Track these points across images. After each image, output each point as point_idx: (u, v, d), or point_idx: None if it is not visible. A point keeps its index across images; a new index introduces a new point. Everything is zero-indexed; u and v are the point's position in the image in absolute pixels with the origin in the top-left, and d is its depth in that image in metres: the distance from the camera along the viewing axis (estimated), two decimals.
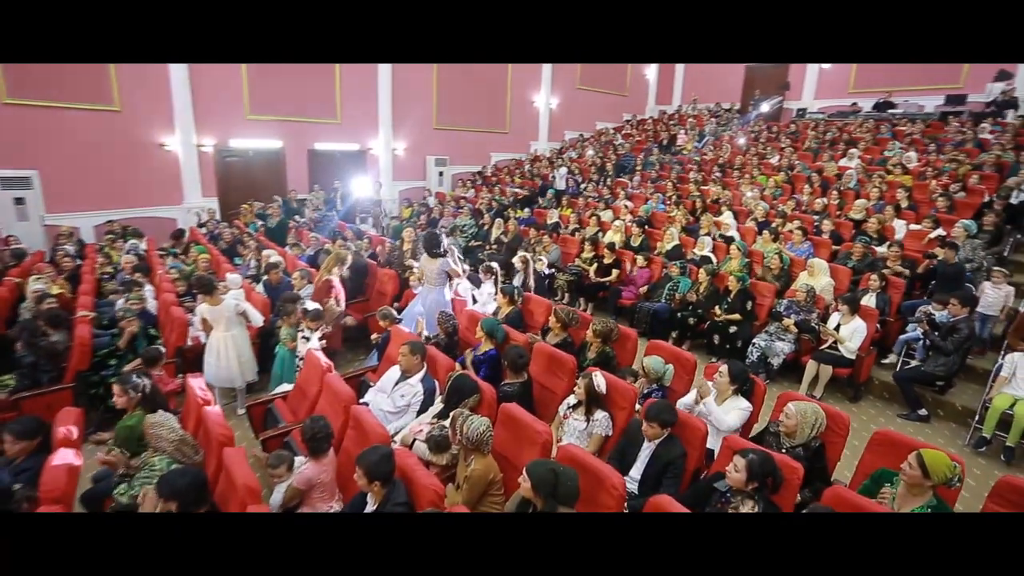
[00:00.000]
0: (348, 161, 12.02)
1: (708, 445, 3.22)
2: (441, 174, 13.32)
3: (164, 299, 5.25)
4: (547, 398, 3.76)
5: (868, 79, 13.37)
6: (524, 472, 2.40)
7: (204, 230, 9.08)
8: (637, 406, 3.40)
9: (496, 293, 5.53)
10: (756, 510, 2.46)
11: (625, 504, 2.59)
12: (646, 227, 7.97)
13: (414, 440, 3.11)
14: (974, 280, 5.84)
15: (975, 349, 5.32)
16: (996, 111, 10.69)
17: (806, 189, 8.76)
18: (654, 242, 7.84)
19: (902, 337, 5.42)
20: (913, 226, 6.85)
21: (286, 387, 4.13)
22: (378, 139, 12.25)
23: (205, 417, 3.00)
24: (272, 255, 6.42)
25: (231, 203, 10.14)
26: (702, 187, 9.83)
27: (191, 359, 4.79)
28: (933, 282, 5.88)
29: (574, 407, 3.41)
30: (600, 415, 3.31)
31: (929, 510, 2.56)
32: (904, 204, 7.49)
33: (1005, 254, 6.68)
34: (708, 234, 7.45)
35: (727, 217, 8.09)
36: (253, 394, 4.95)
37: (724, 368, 3.49)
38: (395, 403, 3.56)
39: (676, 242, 7.46)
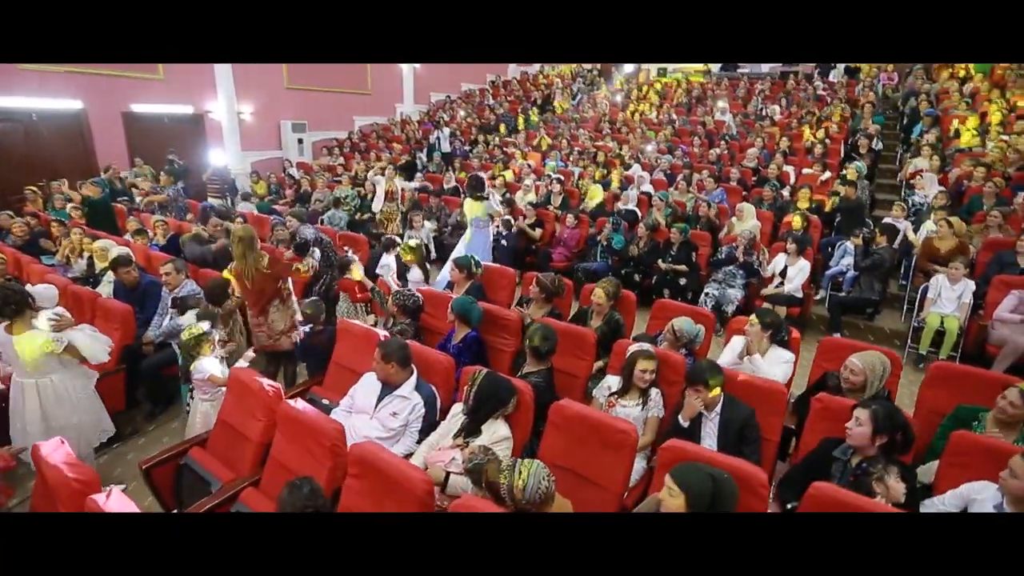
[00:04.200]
0: (180, 128, 9.61)
1: None
2: (300, 141, 11.41)
3: None
4: (566, 384, 3.07)
5: None
6: (672, 484, 1.78)
7: None
8: None
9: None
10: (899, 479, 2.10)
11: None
12: (562, 184, 7.52)
13: (447, 476, 2.21)
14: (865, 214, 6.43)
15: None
16: (823, 72, 12.19)
17: (695, 141, 9.07)
18: (572, 200, 7.44)
19: (828, 272, 5.72)
20: (806, 170, 7.35)
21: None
22: (218, 100, 9.96)
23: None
24: (111, 247, 4.64)
25: (8, 185, 7.42)
26: (596, 144, 9.72)
27: None
28: (838, 219, 6.32)
29: (620, 393, 2.77)
30: (654, 393, 2.74)
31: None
32: (786, 152, 8.06)
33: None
34: (625, 187, 7.28)
35: (636, 170, 7.99)
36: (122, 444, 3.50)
37: (754, 317, 3.14)
38: (385, 425, 2.58)
39: (601, 199, 7.13)
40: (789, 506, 2.24)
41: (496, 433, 2.35)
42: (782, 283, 5.27)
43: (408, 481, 1.90)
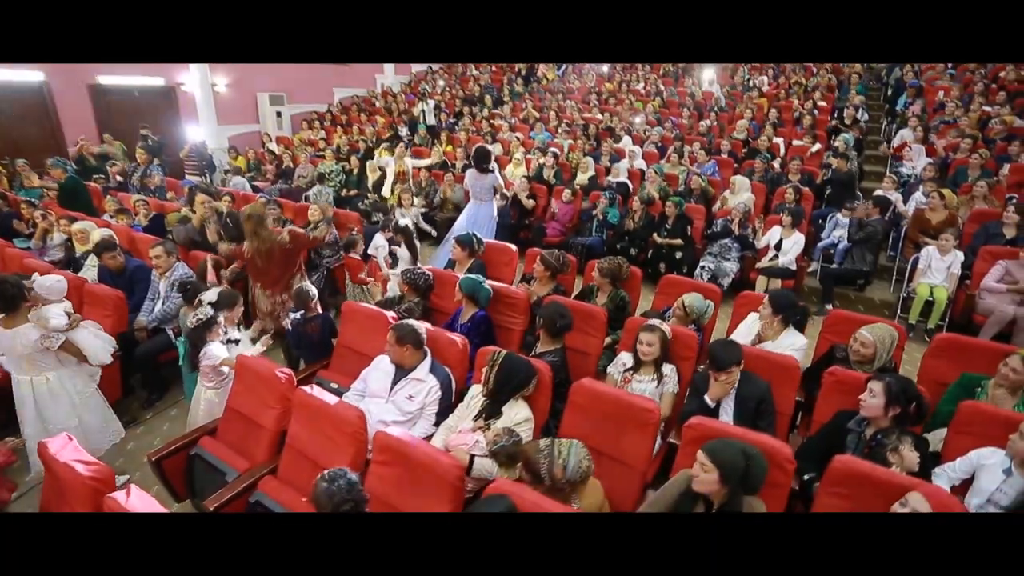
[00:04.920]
0: (152, 102, 9.17)
1: None
2: (279, 115, 11.00)
3: None
4: (578, 362, 3.07)
5: None
6: (705, 460, 1.80)
7: None
8: None
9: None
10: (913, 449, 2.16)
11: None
12: (556, 158, 7.41)
13: (472, 459, 2.20)
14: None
15: None
16: None
17: (684, 113, 9.00)
18: (565, 174, 7.36)
19: (819, 244, 5.78)
20: (796, 142, 7.36)
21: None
22: (190, 72, 9.49)
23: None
24: (92, 229, 4.43)
25: None
26: (585, 115, 9.58)
27: None
28: (828, 191, 6.37)
29: (634, 368, 2.78)
30: (668, 369, 2.75)
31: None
32: (775, 123, 8.05)
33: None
34: (615, 160, 7.22)
35: (626, 143, 7.92)
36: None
37: (765, 299, 3.13)
38: (402, 409, 2.55)
39: (592, 172, 7.06)
40: (806, 477, 2.29)
41: (518, 414, 2.34)
42: (776, 256, 5.32)
43: (439, 467, 1.88)
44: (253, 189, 7.94)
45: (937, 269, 4.82)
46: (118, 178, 6.88)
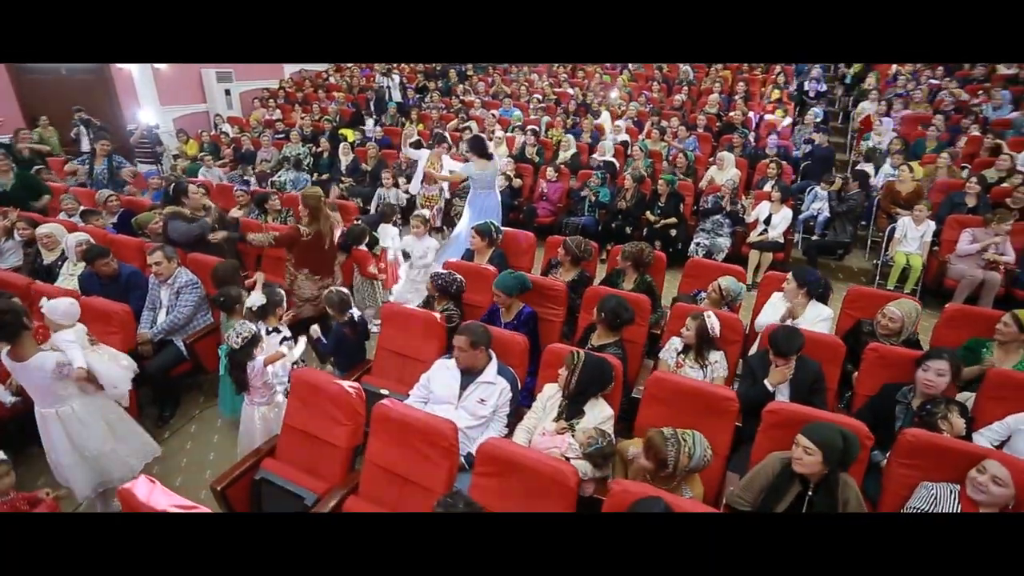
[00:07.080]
0: (82, 82, 8.25)
1: None
2: (228, 93, 10.20)
3: None
4: (627, 350, 3.11)
5: None
6: (808, 443, 1.92)
7: None
8: None
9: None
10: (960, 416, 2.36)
11: None
12: (536, 136, 7.31)
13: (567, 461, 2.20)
14: None
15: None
16: None
17: (655, 87, 9.08)
18: (547, 152, 7.30)
19: (800, 217, 6.06)
20: (768, 116, 7.61)
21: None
22: None
23: None
24: (61, 232, 4.00)
25: None
26: (556, 90, 9.48)
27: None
28: (805, 164, 6.65)
29: (684, 352, 2.86)
30: (716, 356, 2.85)
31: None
32: (745, 96, 8.28)
33: None
34: (596, 138, 7.22)
35: (605, 118, 7.92)
36: None
37: (789, 275, 3.29)
38: (475, 414, 2.51)
39: (574, 150, 7.04)
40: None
41: (601, 413, 2.36)
42: (766, 230, 5.54)
43: (557, 473, 1.89)
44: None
45: (912, 238, 5.19)
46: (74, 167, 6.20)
